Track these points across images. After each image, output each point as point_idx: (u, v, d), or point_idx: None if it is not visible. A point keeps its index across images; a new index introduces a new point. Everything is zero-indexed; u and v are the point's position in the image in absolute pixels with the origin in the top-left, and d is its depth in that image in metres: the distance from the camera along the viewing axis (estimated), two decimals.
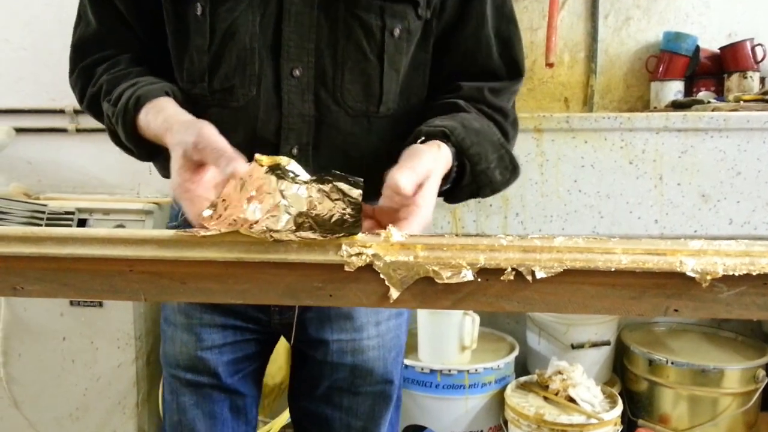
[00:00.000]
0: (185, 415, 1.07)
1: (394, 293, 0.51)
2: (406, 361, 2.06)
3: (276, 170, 0.55)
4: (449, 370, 2.02)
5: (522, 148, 1.85)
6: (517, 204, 1.87)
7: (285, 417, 2.07)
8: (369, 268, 0.51)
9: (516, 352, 2.16)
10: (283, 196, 0.53)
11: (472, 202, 1.87)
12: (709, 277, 0.49)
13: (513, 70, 1.01)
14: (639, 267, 0.48)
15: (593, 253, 0.49)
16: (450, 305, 0.51)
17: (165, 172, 0.89)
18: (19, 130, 2.37)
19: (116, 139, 0.95)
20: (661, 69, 2.34)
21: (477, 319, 2.04)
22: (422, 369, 2.04)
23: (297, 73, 0.93)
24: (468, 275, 0.50)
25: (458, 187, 0.90)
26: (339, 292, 0.52)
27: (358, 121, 0.97)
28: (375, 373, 1.11)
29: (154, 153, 0.91)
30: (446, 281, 0.50)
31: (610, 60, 2.43)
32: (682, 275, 0.49)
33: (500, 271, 0.50)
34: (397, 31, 0.94)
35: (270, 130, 0.94)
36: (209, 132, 0.73)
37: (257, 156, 0.58)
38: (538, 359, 2.25)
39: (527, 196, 1.86)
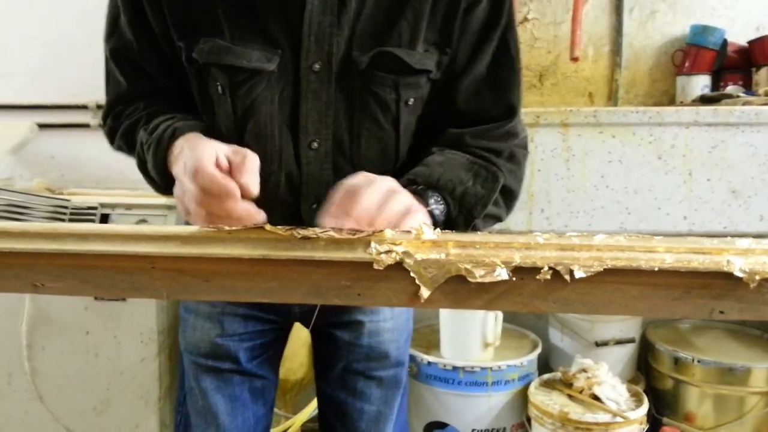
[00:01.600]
0: (207, 399, 1.11)
1: (425, 292, 0.49)
2: (429, 358, 2.05)
3: None
4: (472, 367, 2.00)
5: (548, 143, 1.82)
6: (542, 200, 1.84)
7: (307, 412, 2.06)
8: (399, 266, 0.49)
9: (539, 349, 2.13)
10: None
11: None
12: (757, 277, 0.46)
13: (507, 112, 1.00)
14: (684, 266, 0.46)
15: (635, 252, 0.47)
16: (483, 305, 0.49)
17: None
18: (42, 126, 2.38)
19: (143, 168, 0.96)
20: (687, 63, 2.30)
21: (500, 315, 2.02)
22: (444, 366, 2.02)
23: (315, 145, 0.95)
24: (502, 274, 0.48)
25: (451, 222, 0.90)
26: (368, 291, 0.50)
27: None
28: (390, 356, 1.15)
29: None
30: (479, 280, 0.48)
31: (635, 54, 2.39)
32: (728, 275, 0.47)
33: (536, 270, 0.48)
34: (411, 101, 0.97)
35: (291, 193, 0.98)
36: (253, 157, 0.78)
37: None
38: (560, 356, 2.22)
39: (553, 191, 1.83)
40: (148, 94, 1.00)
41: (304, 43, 0.91)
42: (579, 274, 0.47)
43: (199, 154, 0.77)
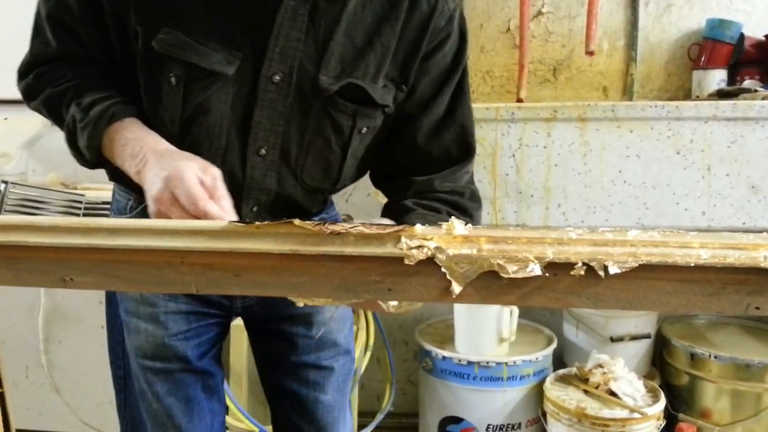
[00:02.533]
0: (161, 403, 1.10)
1: (457, 288, 0.49)
2: (444, 353, 2.05)
3: None
4: (487, 362, 2.00)
5: (565, 137, 1.81)
6: (559, 195, 1.83)
7: None
8: (430, 261, 0.49)
9: (554, 345, 2.13)
10: None
11: (512, 192, 1.84)
12: None
13: (466, 153, 1.06)
14: (720, 262, 0.45)
15: (670, 248, 0.46)
16: (515, 300, 0.49)
17: (112, 176, 1.01)
18: None
19: (72, 141, 0.97)
20: (703, 57, 2.28)
21: (516, 311, 2.01)
22: (459, 360, 2.02)
23: (263, 152, 0.98)
24: (535, 270, 0.47)
25: None
26: (398, 287, 0.50)
27: (313, 193, 1.05)
28: (339, 344, 1.18)
29: (100, 164, 0.97)
30: (512, 276, 0.48)
31: (651, 48, 2.37)
32: (764, 271, 0.46)
33: (570, 265, 0.47)
34: (364, 130, 1.00)
35: (232, 194, 0.98)
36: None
37: None
38: (575, 352, 2.21)
39: (570, 186, 1.82)
40: (77, 61, 0.99)
41: (268, 53, 0.92)
42: (613, 269, 0.46)
43: (188, 185, 0.79)
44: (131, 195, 1.07)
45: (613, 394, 1.85)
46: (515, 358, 2.01)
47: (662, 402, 1.86)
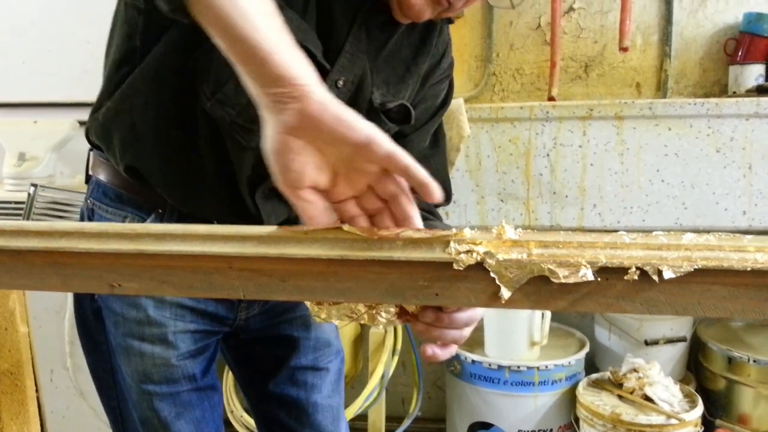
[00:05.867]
0: (169, 430, 1.07)
1: (506, 293, 0.48)
2: (473, 356, 2.03)
3: None
4: (518, 367, 1.98)
5: (601, 136, 1.79)
6: (594, 195, 1.80)
7: (353, 410, 2.06)
8: (479, 266, 0.48)
9: (587, 349, 2.10)
10: None
11: (546, 192, 1.82)
12: None
13: (447, 197, 1.15)
14: None
15: (725, 252, 0.45)
16: (566, 306, 0.48)
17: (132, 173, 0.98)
18: (84, 124, 2.41)
19: None
20: (740, 52, 2.23)
21: (548, 314, 1.99)
22: (489, 365, 2.00)
23: None
24: (588, 274, 0.46)
25: None
26: (446, 291, 0.49)
27: None
28: (332, 344, 1.20)
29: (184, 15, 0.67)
30: (563, 281, 0.47)
31: (686, 43, 2.33)
32: None
33: (623, 270, 0.46)
34: None
35: (259, 179, 0.97)
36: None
37: None
38: (607, 356, 2.18)
39: (606, 186, 1.80)
40: None
41: (341, 58, 0.92)
42: (668, 274, 0.45)
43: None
44: (126, 212, 1.04)
45: (648, 399, 1.81)
46: (547, 362, 1.99)
47: (700, 407, 1.82)
